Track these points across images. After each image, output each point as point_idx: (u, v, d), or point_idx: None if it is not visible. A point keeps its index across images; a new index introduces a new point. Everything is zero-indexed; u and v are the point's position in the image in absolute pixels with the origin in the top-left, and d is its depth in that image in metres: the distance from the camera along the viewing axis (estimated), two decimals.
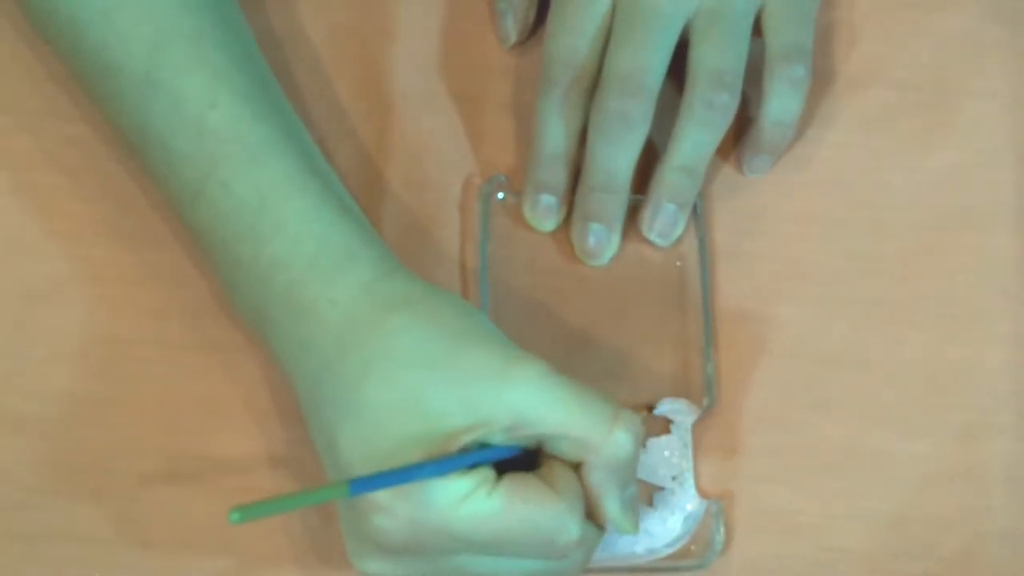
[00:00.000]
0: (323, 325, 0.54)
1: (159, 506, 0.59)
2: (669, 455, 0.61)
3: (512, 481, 0.52)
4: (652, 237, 0.63)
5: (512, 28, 0.65)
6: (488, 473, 0.52)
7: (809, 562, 0.60)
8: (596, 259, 0.63)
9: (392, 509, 0.51)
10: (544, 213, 0.63)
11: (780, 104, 0.63)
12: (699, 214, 0.64)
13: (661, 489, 0.61)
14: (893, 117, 0.66)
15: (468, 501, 0.51)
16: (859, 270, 0.64)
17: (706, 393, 0.62)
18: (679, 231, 0.63)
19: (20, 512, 0.59)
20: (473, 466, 0.51)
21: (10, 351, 0.60)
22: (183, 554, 0.59)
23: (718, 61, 0.61)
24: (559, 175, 0.62)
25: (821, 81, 0.65)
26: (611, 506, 0.53)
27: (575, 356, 0.62)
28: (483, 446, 0.52)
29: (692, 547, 0.60)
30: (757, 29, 0.62)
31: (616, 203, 0.62)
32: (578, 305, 0.63)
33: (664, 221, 0.63)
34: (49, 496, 0.59)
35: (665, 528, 0.60)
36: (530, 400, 0.52)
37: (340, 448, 0.52)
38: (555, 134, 0.62)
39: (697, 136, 0.61)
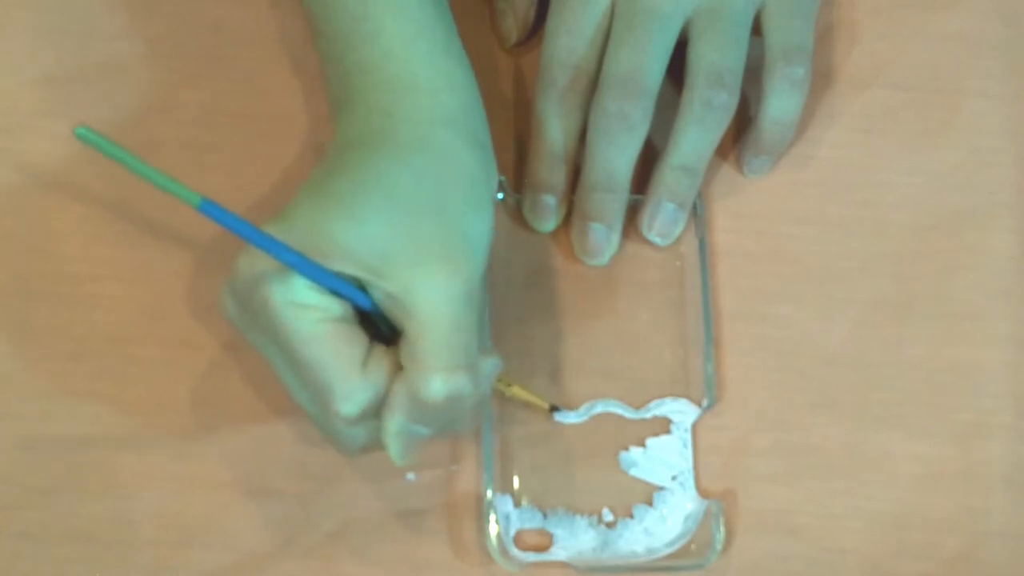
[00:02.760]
0: (368, 122, 0.56)
1: (159, 505, 0.59)
2: (669, 455, 0.61)
3: (345, 332, 0.53)
4: (652, 237, 0.63)
5: (512, 28, 0.65)
6: (336, 309, 0.53)
7: (809, 562, 0.60)
8: (596, 259, 0.63)
9: (252, 259, 0.52)
10: (544, 213, 0.63)
11: (780, 104, 0.63)
12: (699, 214, 0.64)
13: (661, 489, 0.61)
14: (893, 117, 0.66)
15: (299, 310, 0.52)
16: (859, 270, 0.64)
17: (706, 393, 0.62)
18: (679, 231, 0.63)
19: (20, 512, 0.59)
20: (335, 292, 0.52)
21: (10, 351, 0.61)
22: (183, 553, 0.59)
23: (717, 60, 0.61)
24: (559, 175, 0.63)
25: (821, 81, 0.65)
26: (390, 420, 0.53)
27: (575, 356, 0.62)
28: (361, 287, 0.53)
29: (692, 547, 0.60)
30: (757, 28, 0.62)
31: (616, 203, 0.62)
32: (578, 305, 0.63)
33: (664, 221, 0.63)
34: (49, 496, 0.59)
35: (665, 528, 0.60)
36: (423, 295, 0.52)
37: (294, 200, 0.54)
38: (554, 134, 0.62)
39: (696, 135, 0.61)
